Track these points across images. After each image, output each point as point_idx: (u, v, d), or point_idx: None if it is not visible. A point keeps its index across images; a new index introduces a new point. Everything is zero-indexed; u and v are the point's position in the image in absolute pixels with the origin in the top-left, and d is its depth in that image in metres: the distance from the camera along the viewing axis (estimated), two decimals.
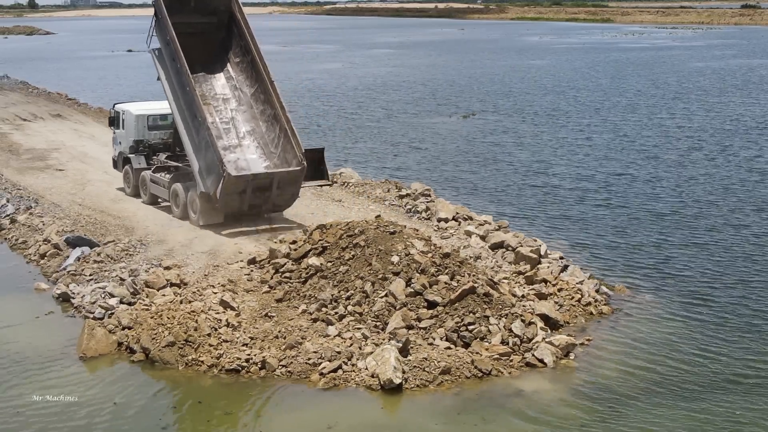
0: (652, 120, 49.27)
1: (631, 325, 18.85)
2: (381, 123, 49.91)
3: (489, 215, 25.87)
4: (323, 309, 18.09)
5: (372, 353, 16.48)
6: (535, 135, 44.63)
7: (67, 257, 22.45)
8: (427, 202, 27.17)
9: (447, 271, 18.49)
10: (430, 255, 18.89)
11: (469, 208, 27.27)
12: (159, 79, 25.61)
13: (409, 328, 17.28)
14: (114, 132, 29.29)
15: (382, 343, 16.83)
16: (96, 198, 28.12)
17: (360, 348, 16.86)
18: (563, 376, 16.47)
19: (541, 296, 19.40)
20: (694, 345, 17.87)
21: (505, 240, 22.60)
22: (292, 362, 16.48)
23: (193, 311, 17.92)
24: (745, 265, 22.93)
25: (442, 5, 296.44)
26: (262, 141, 25.15)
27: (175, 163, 26.35)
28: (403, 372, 15.94)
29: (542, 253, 21.61)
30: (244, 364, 16.47)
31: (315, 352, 16.68)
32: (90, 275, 21.11)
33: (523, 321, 17.61)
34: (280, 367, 16.41)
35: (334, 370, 16.20)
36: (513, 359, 16.79)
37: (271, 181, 23.61)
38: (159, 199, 26.83)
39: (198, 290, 19.37)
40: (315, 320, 17.85)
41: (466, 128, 47.48)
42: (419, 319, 17.52)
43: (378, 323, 17.57)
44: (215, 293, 19.05)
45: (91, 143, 38.62)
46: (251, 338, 17.27)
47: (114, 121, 28.98)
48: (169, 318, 17.74)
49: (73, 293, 20.18)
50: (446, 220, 25.12)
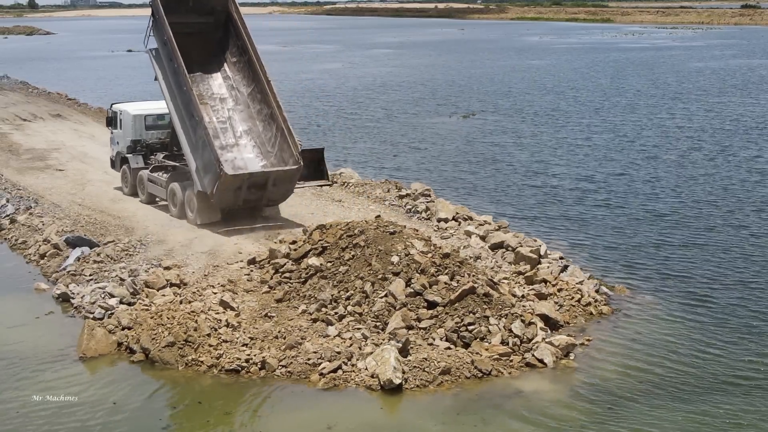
0: (651, 120, 49.27)
1: (631, 326, 18.85)
2: (381, 123, 49.91)
3: (489, 215, 25.88)
4: (323, 309, 18.09)
5: (372, 353, 16.47)
6: (535, 135, 44.63)
7: (67, 257, 22.45)
8: (427, 202, 27.17)
9: (447, 271, 18.49)
10: (430, 255, 18.89)
11: (469, 208, 27.26)
12: (156, 78, 25.68)
13: (409, 328, 17.28)
14: (112, 132, 29.38)
15: (382, 343, 16.83)
16: (96, 198, 28.13)
17: (360, 348, 16.86)
18: (563, 376, 16.46)
19: (541, 296, 19.39)
20: (693, 345, 17.86)
21: (505, 240, 22.60)
22: (291, 362, 16.48)
23: (192, 311, 17.92)
24: (744, 266, 22.92)
25: (442, 5, 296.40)
26: (258, 140, 25.22)
27: (173, 163, 26.41)
28: (403, 372, 15.94)
29: (542, 253, 21.61)
30: (244, 364, 16.47)
31: (315, 352, 16.68)
32: (90, 275, 21.11)
33: (523, 321, 17.61)
34: (279, 367, 16.41)
35: (334, 371, 16.20)
36: (513, 359, 16.78)
37: (267, 179, 23.75)
38: (157, 199, 26.93)
39: (198, 290, 19.37)
40: (315, 320, 17.84)
41: (466, 128, 47.48)
42: (419, 320, 17.51)
43: (378, 323, 17.57)
44: (215, 293, 19.05)
45: (91, 143, 38.63)
46: (251, 338, 17.27)
47: (111, 121, 29.11)
48: (168, 318, 17.74)
49: (73, 293, 20.18)
50: (446, 221, 25.12)
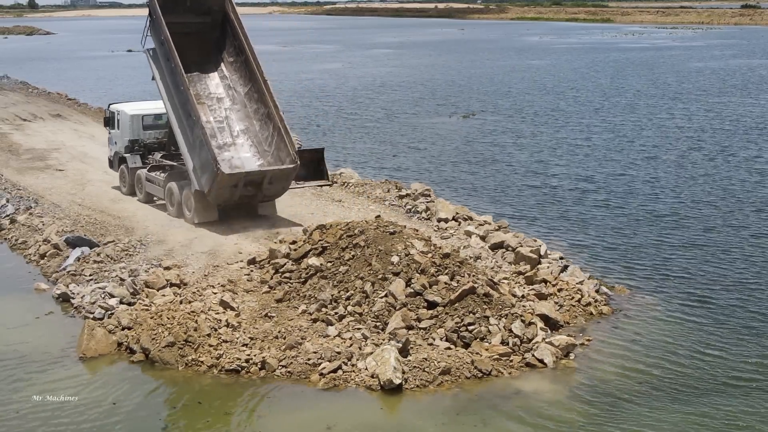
0: (651, 120, 49.27)
1: (631, 326, 18.85)
2: (381, 123, 49.91)
3: (489, 215, 25.88)
4: (323, 309, 18.09)
5: (372, 353, 16.47)
6: (534, 135, 44.63)
7: (67, 257, 22.45)
8: (427, 202, 27.17)
9: (447, 271, 18.48)
10: (430, 255, 18.89)
11: (469, 208, 27.26)
12: (154, 78, 25.80)
13: (409, 328, 17.27)
14: (109, 132, 29.50)
15: (382, 343, 16.83)
16: (96, 198, 28.14)
17: (360, 348, 16.86)
18: (563, 376, 16.46)
19: (541, 296, 19.39)
20: (693, 346, 17.86)
21: (505, 240, 22.60)
22: (291, 362, 16.48)
23: (192, 311, 17.92)
24: (744, 266, 22.92)
25: (442, 5, 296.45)
26: (255, 139, 25.32)
27: (170, 162, 26.49)
28: (403, 372, 15.94)
29: (542, 253, 21.61)
30: (244, 364, 16.47)
31: (315, 352, 16.68)
32: (90, 275, 21.11)
33: (523, 321, 17.61)
34: (279, 367, 16.41)
35: (334, 371, 16.20)
36: (513, 359, 16.78)
37: (263, 177, 23.88)
38: (154, 198, 27.05)
39: (198, 290, 19.37)
40: (315, 320, 17.85)
41: (465, 128, 47.48)
42: (419, 320, 17.51)
43: (378, 323, 17.57)
44: (215, 293, 19.05)
45: (90, 143, 38.63)
46: (251, 338, 17.27)
47: (109, 121, 29.24)
48: (168, 318, 17.74)
49: (73, 293, 20.18)
50: (446, 221, 25.12)
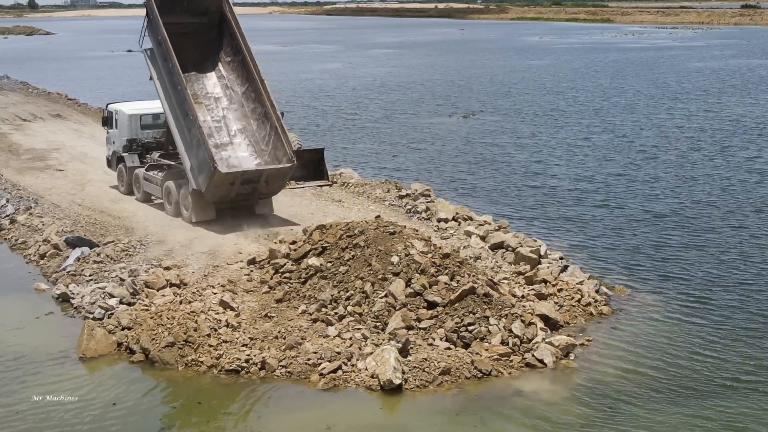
0: (651, 120, 49.27)
1: (631, 326, 18.85)
2: (381, 123, 49.91)
3: (489, 215, 25.87)
4: (323, 309, 18.09)
5: (372, 354, 16.48)
6: (534, 135, 44.63)
7: (67, 257, 22.45)
8: (427, 202, 27.17)
9: (447, 271, 18.49)
10: (429, 255, 18.89)
11: (469, 208, 27.25)
12: (151, 78, 25.89)
13: (409, 328, 17.27)
14: (107, 131, 29.62)
15: (381, 343, 16.83)
16: (96, 198, 28.14)
17: (360, 348, 16.86)
18: (563, 376, 16.47)
19: (541, 296, 19.40)
20: (693, 346, 17.86)
21: (505, 240, 22.60)
22: (291, 363, 16.48)
23: (192, 312, 17.92)
24: (744, 267, 22.92)
25: (442, 5, 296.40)
26: (253, 139, 25.40)
27: (168, 162, 26.56)
28: (403, 372, 15.94)
29: (542, 253, 21.61)
30: (244, 364, 16.48)
31: (315, 352, 16.68)
32: (90, 275, 21.11)
33: (523, 321, 17.61)
34: (279, 367, 16.41)
35: (334, 371, 16.21)
36: (513, 360, 16.79)
37: (260, 176, 23.99)
38: (152, 197, 27.12)
39: (198, 291, 19.37)
40: (315, 321, 17.85)
41: (465, 128, 47.48)
42: (419, 320, 17.51)
43: (378, 324, 17.57)
44: (215, 294, 19.05)
45: (90, 143, 38.62)
46: (251, 339, 17.27)
47: (107, 120, 29.35)
48: (168, 318, 17.74)
49: (73, 293, 20.18)
50: (446, 221, 25.12)
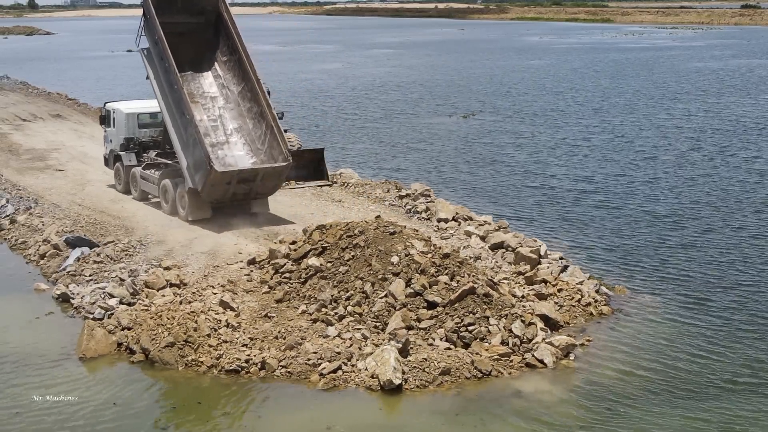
0: (651, 121, 49.28)
1: (631, 326, 18.86)
2: (381, 123, 49.92)
3: (489, 215, 25.88)
4: (323, 309, 18.09)
5: (372, 354, 16.48)
6: (534, 135, 44.64)
7: (67, 258, 22.45)
8: (427, 202, 27.17)
9: (447, 271, 18.49)
10: (429, 255, 18.89)
11: (468, 208, 27.26)
12: (148, 78, 26.01)
13: (409, 328, 17.28)
14: (105, 130, 29.80)
15: (381, 343, 16.83)
16: (96, 198, 28.16)
17: (360, 348, 16.86)
18: (563, 376, 16.47)
19: (541, 297, 19.40)
20: (693, 346, 17.87)
21: (504, 240, 22.60)
22: (291, 363, 16.48)
23: (192, 312, 17.92)
24: (744, 267, 22.92)
25: (442, 5, 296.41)
26: (249, 138, 25.50)
27: (165, 160, 26.65)
28: (403, 372, 15.95)
29: (542, 253, 21.61)
30: (244, 364, 16.48)
31: (315, 352, 16.69)
32: (90, 276, 21.12)
33: (523, 321, 17.61)
34: (279, 367, 16.42)
35: (334, 371, 16.21)
36: (513, 360, 16.79)
37: (256, 175, 24.11)
38: (149, 196, 27.21)
39: (198, 291, 19.37)
40: (315, 321, 17.85)
41: (465, 128, 47.49)
42: (419, 320, 17.51)
43: (378, 324, 17.57)
44: (215, 294, 19.05)
45: (90, 143, 38.61)
46: (251, 339, 17.28)
47: (105, 119, 29.51)
48: (168, 318, 17.74)
49: (73, 294, 20.18)
50: (446, 221, 25.12)
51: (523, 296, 19.36)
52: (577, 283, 20.27)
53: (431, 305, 17.75)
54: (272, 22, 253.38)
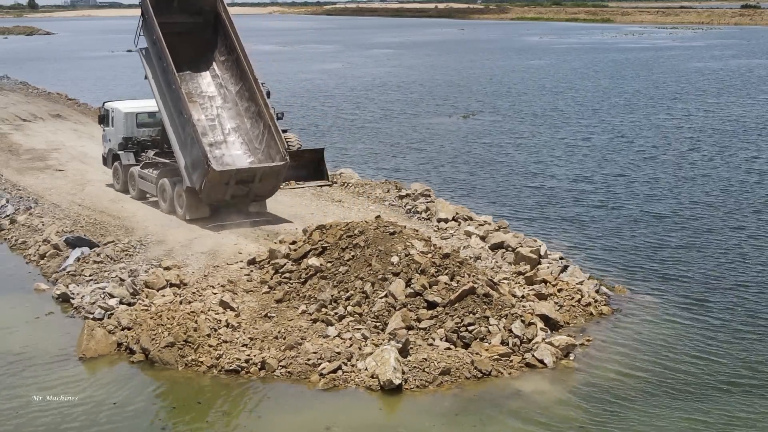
0: (651, 121, 49.28)
1: (631, 326, 18.86)
2: (380, 123, 49.92)
3: (489, 215, 25.88)
4: (323, 309, 18.09)
5: (372, 354, 16.48)
6: (534, 135, 44.64)
7: (67, 258, 22.45)
8: (427, 202, 27.17)
9: (447, 271, 18.49)
10: (429, 255, 18.89)
11: (468, 208, 27.26)
12: (146, 77, 26.08)
13: (409, 328, 17.28)
14: (104, 129, 29.93)
15: (381, 343, 16.83)
16: (96, 198, 28.17)
17: (360, 348, 16.86)
18: (563, 376, 16.47)
19: (541, 297, 19.40)
20: (693, 346, 17.87)
21: (505, 240, 22.60)
22: (291, 363, 16.48)
23: (192, 312, 17.92)
24: (743, 267, 22.92)
25: (442, 5, 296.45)
26: (246, 137, 25.57)
27: (163, 160, 26.72)
28: (403, 372, 15.94)
29: (542, 253, 21.61)
30: (244, 364, 16.48)
31: (315, 352, 16.69)
32: (90, 276, 21.12)
33: (523, 321, 17.61)
34: (279, 367, 16.42)
35: (334, 371, 16.21)
36: (513, 360, 16.79)
37: (254, 175, 24.14)
38: (147, 195, 27.29)
39: (198, 291, 19.37)
40: (315, 321, 17.85)
41: (465, 128, 47.49)
42: (419, 320, 17.51)
43: (378, 324, 17.57)
44: (215, 294, 19.05)
45: (90, 143, 38.60)
46: (251, 339, 17.28)
47: (104, 118, 29.62)
48: (168, 318, 17.74)
49: (73, 294, 20.18)
50: (446, 221, 25.12)
51: (523, 296, 19.36)
52: (577, 283, 20.27)
53: (431, 305, 17.75)
54: (272, 22, 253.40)
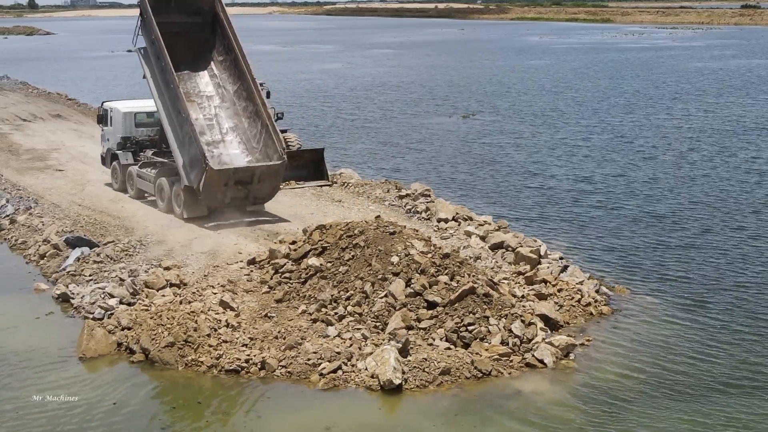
0: (650, 121, 49.29)
1: (631, 326, 18.86)
2: (380, 123, 49.92)
3: (489, 215, 25.89)
4: (323, 309, 18.09)
5: (372, 354, 16.48)
6: (534, 135, 44.64)
7: (67, 258, 22.45)
8: (427, 202, 27.18)
9: (447, 271, 18.49)
10: (429, 255, 18.89)
11: (468, 208, 27.26)
12: (145, 77, 26.15)
13: (409, 328, 17.28)
14: (102, 129, 30.05)
15: (381, 343, 16.83)
16: (96, 198, 28.17)
17: (360, 348, 16.86)
18: (563, 376, 16.47)
19: (541, 296, 19.40)
20: (693, 346, 17.87)
21: (504, 240, 22.60)
22: (291, 363, 16.48)
23: (192, 312, 17.92)
24: (743, 267, 22.92)
25: (442, 5, 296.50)
26: (244, 137, 25.64)
27: (161, 159, 26.79)
28: (403, 372, 15.94)
29: (542, 253, 21.61)
30: (244, 364, 16.48)
31: (315, 352, 16.69)
32: (90, 276, 21.12)
33: (523, 321, 17.61)
34: (279, 367, 16.41)
35: (334, 371, 16.21)
36: (513, 360, 16.79)
37: (252, 174, 24.18)
38: (145, 194, 27.37)
39: (198, 291, 19.37)
40: (315, 321, 17.85)
41: (465, 128, 47.49)
42: (419, 320, 17.52)
43: (378, 324, 17.57)
44: (215, 294, 19.05)
45: (90, 143, 38.59)
46: (251, 339, 17.28)
47: (102, 118, 29.72)
48: (168, 318, 17.74)
49: (73, 294, 20.18)
50: (446, 221, 25.12)
51: (523, 296, 19.36)
52: (577, 283, 20.27)
53: (431, 305, 17.76)
54: (272, 22, 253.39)
